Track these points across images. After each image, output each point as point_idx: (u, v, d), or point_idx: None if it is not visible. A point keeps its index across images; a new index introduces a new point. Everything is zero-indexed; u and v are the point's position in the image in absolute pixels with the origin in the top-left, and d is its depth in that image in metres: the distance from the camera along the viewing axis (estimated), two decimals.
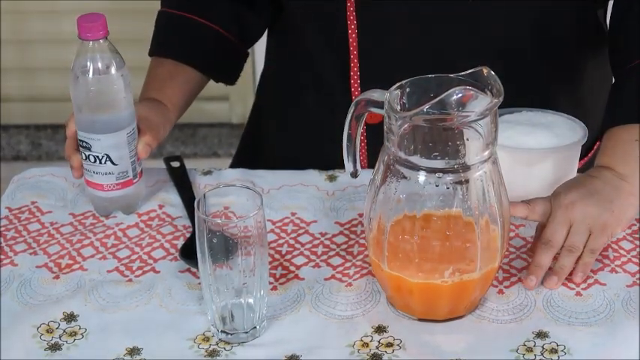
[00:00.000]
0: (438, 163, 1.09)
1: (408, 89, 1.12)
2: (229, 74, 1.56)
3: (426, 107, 1.06)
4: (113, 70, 1.29)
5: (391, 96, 1.11)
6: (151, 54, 1.52)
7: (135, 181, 1.35)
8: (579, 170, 1.37)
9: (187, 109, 1.51)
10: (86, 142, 1.31)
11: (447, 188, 1.10)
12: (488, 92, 1.08)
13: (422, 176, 1.10)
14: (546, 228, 1.23)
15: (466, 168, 1.10)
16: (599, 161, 1.31)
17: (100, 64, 1.28)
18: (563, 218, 1.22)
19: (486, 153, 1.10)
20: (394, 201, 1.12)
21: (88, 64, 1.28)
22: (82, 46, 1.28)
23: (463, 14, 1.39)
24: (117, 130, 1.31)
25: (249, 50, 1.58)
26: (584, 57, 1.50)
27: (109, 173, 1.33)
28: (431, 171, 1.09)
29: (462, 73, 1.11)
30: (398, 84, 1.12)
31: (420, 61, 1.41)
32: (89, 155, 1.32)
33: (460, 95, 1.07)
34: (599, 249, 1.23)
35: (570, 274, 1.22)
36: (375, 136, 1.44)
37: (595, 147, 1.56)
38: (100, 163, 1.32)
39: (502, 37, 1.41)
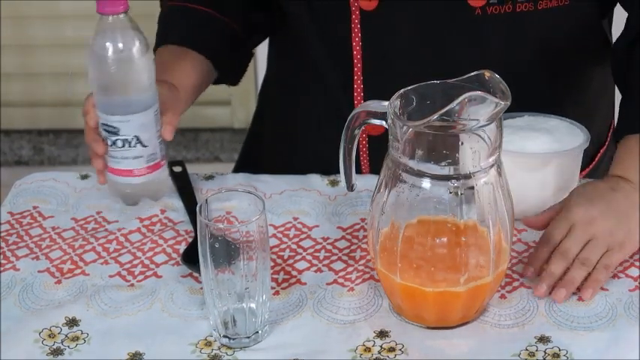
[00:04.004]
0: (444, 170, 1.08)
1: (410, 96, 1.11)
2: (233, 71, 1.55)
3: (434, 117, 1.05)
4: (138, 47, 1.21)
5: (394, 104, 1.10)
6: (155, 48, 1.49)
7: (162, 163, 1.31)
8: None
9: (197, 97, 1.47)
10: (113, 127, 1.25)
11: (455, 194, 1.09)
12: (494, 96, 1.08)
13: (428, 183, 1.09)
14: (566, 239, 1.21)
15: (473, 174, 1.09)
16: (613, 170, 1.29)
17: (122, 42, 1.20)
18: (584, 233, 1.21)
19: (492, 158, 1.10)
20: (402, 210, 1.11)
21: (111, 41, 1.20)
22: (100, 21, 1.20)
23: (467, 24, 1.39)
24: (145, 110, 1.25)
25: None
26: (586, 67, 1.50)
27: (139, 157, 1.28)
28: (437, 178, 1.09)
29: (464, 77, 1.11)
30: (399, 92, 1.11)
31: (423, 67, 1.40)
32: (116, 140, 1.26)
33: (469, 102, 1.06)
34: (613, 266, 1.21)
35: (579, 289, 1.21)
36: (378, 141, 1.43)
37: (598, 156, 1.55)
38: (130, 146, 1.26)
39: (505, 48, 1.41)
